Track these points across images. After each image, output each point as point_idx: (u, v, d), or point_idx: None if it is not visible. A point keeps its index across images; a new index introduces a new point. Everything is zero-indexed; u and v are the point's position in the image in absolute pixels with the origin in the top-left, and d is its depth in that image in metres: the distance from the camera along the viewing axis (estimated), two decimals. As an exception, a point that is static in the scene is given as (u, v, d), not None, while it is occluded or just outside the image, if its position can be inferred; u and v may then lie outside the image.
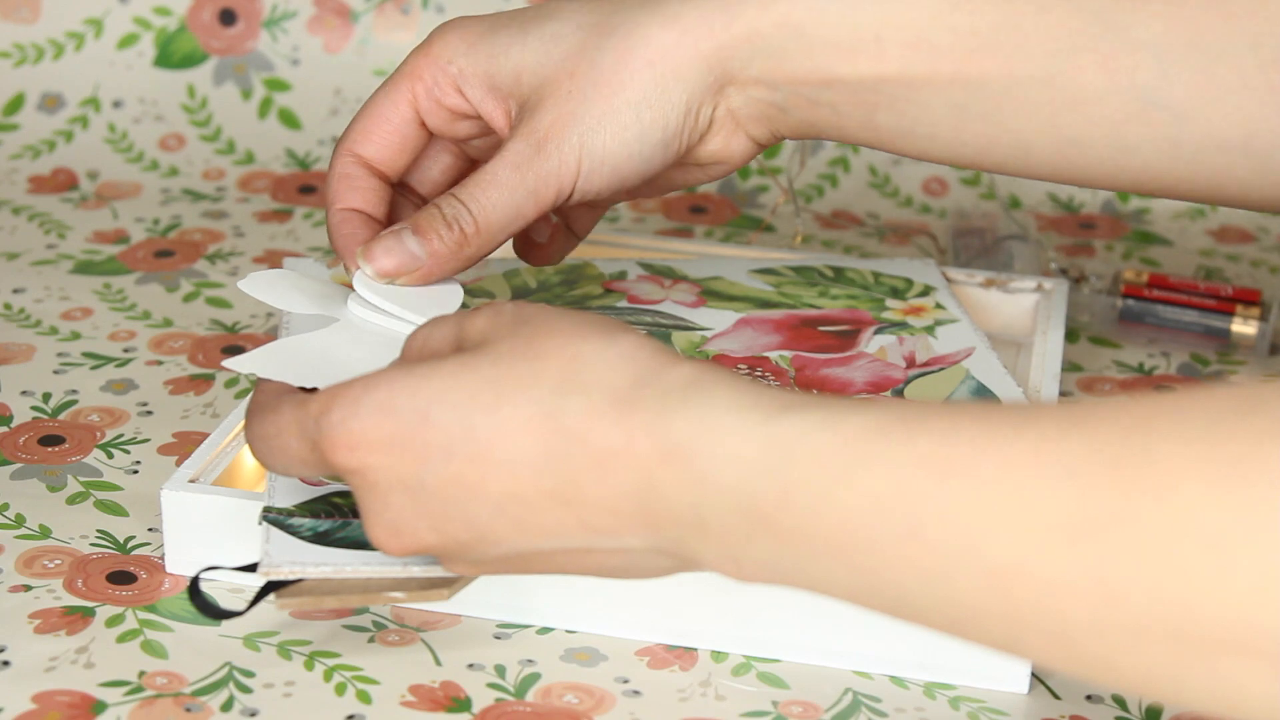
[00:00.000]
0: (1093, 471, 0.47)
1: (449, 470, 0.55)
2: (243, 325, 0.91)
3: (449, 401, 0.55)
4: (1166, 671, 0.47)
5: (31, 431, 0.81)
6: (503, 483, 0.55)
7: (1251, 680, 0.45)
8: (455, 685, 0.66)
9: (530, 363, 0.55)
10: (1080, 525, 0.47)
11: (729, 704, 0.66)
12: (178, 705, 0.64)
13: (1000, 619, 0.49)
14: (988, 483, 0.48)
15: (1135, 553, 0.46)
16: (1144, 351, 0.92)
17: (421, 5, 1.12)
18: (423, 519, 0.56)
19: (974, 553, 0.48)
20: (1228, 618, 0.45)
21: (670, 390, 0.54)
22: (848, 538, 0.50)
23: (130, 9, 1.11)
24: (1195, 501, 0.45)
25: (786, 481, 0.51)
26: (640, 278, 0.86)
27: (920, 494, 0.49)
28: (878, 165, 1.09)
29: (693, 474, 0.53)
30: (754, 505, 0.52)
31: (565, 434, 0.54)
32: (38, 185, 1.06)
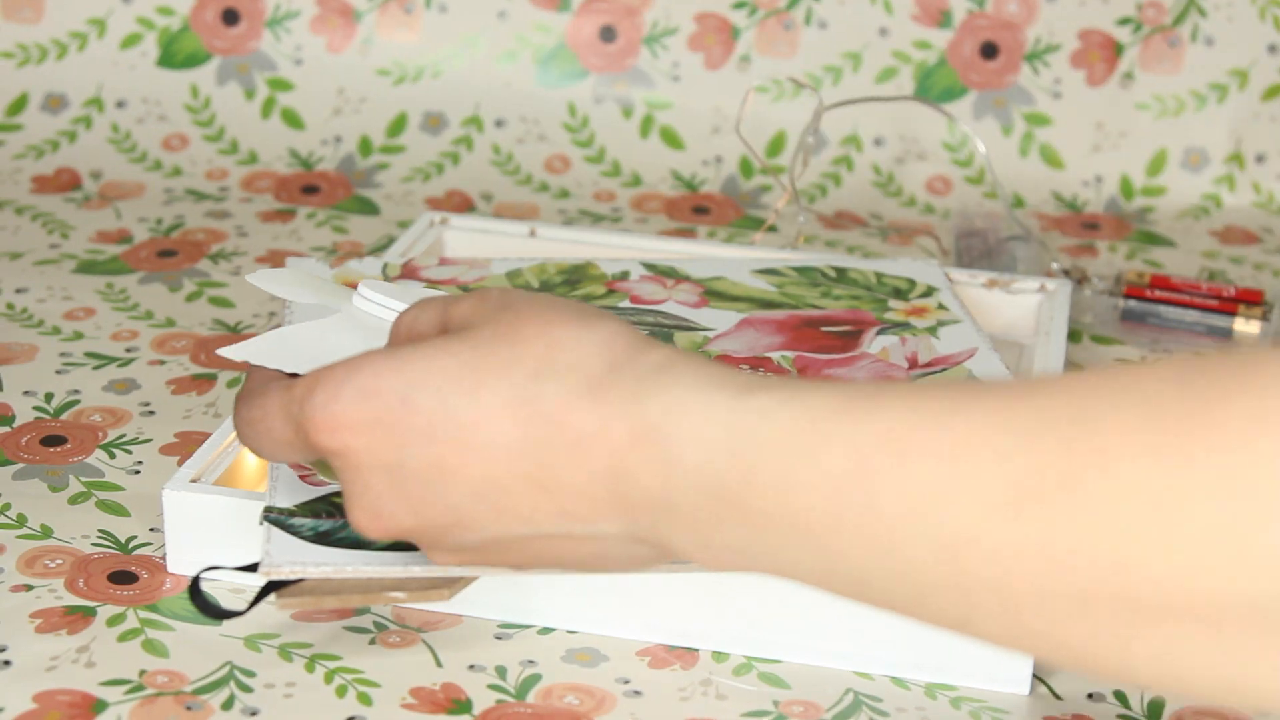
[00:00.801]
0: (1040, 441, 0.47)
1: (429, 454, 0.56)
2: (245, 325, 0.91)
3: (429, 385, 0.56)
4: (1110, 640, 0.47)
5: (34, 432, 0.81)
6: (481, 467, 0.55)
7: (1193, 646, 0.45)
8: (456, 687, 0.66)
9: (510, 347, 0.55)
10: (1027, 493, 0.47)
11: (730, 704, 0.66)
12: (178, 704, 0.64)
13: (951, 591, 0.49)
14: (942, 457, 0.48)
15: (1079, 519, 0.46)
16: (1146, 349, 0.92)
17: (424, 5, 1.12)
18: (402, 502, 0.57)
19: (927, 525, 0.48)
20: (1170, 583, 0.45)
21: (643, 374, 0.54)
22: (811, 517, 0.50)
23: (133, 9, 1.11)
24: (1138, 468, 0.45)
25: (751, 462, 0.51)
26: (643, 278, 0.86)
27: (877, 470, 0.49)
28: (881, 165, 1.09)
29: (663, 456, 0.53)
30: (721, 487, 0.52)
31: (542, 419, 0.54)
32: (41, 185, 1.06)
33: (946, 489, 0.48)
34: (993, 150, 1.08)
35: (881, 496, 0.49)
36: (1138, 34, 1.09)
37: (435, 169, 1.09)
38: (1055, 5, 1.09)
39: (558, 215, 1.06)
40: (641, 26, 1.12)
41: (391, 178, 1.08)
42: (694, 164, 1.10)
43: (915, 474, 0.49)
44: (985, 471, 0.48)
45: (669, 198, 1.08)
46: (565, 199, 1.07)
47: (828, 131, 1.10)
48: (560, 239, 0.93)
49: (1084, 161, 1.09)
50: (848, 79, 1.10)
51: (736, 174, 1.09)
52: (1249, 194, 1.08)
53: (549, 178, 1.09)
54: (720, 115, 1.10)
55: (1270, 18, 1.08)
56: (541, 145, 1.10)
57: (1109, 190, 1.08)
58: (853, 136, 1.10)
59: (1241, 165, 1.08)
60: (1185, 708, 0.66)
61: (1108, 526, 0.45)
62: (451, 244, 0.94)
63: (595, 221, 1.05)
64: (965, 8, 1.10)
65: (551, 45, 1.12)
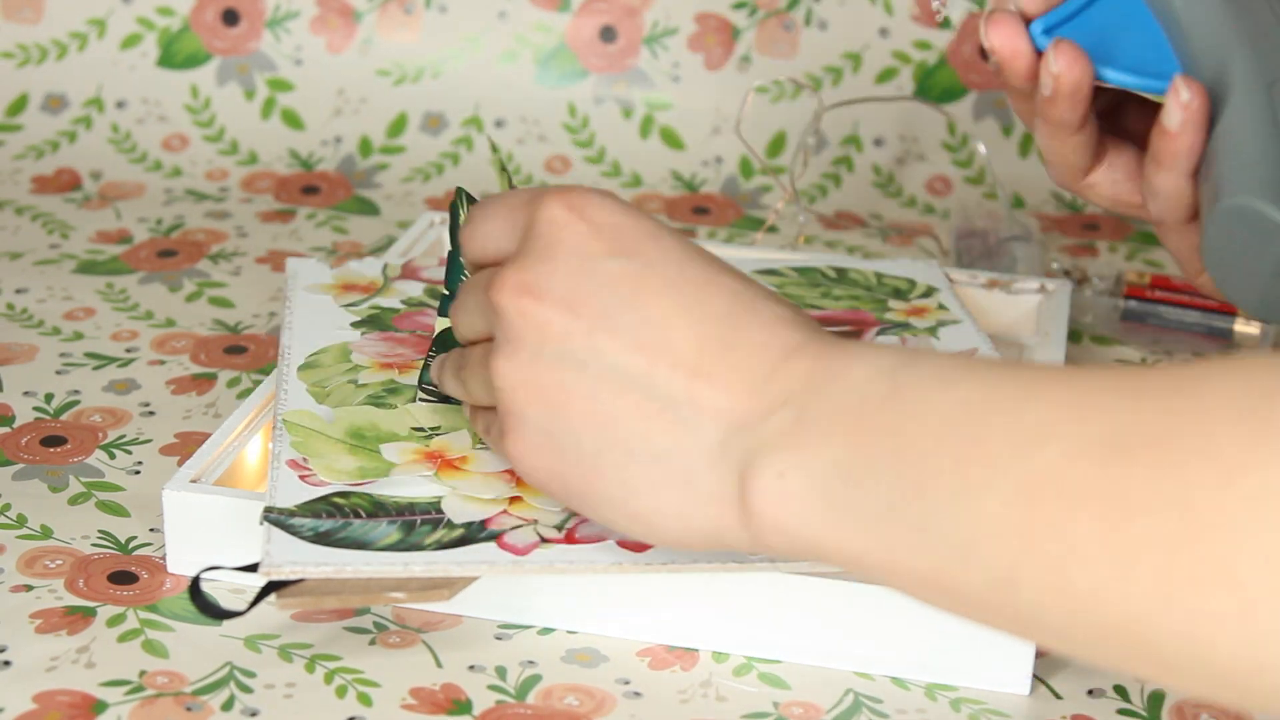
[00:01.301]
0: (1148, 395, 0.48)
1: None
2: (245, 325, 0.91)
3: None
4: (1151, 602, 0.47)
5: (34, 432, 0.81)
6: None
7: (1228, 618, 0.45)
8: (456, 687, 0.66)
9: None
10: (1121, 442, 0.47)
11: (730, 705, 0.66)
12: (178, 705, 0.64)
13: (1011, 539, 0.49)
14: (1055, 403, 0.49)
15: (1156, 473, 0.46)
16: (1146, 351, 0.92)
17: (424, 5, 1.12)
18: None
19: (1015, 465, 0.49)
20: (1220, 550, 0.45)
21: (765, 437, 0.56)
22: (923, 440, 0.51)
23: (133, 9, 1.11)
24: (1218, 434, 0.46)
25: (898, 383, 0.53)
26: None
27: (996, 407, 0.50)
28: (881, 165, 1.09)
29: (820, 369, 0.55)
30: (861, 404, 0.53)
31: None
32: (41, 185, 1.06)
33: (1046, 429, 0.49)
34: (993, 150, 1.08)
35: (987, 431, 0.50)
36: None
37: (435, 169, 1.09)
38: (1055, 5, 1.09)
39: (558, 215, 1.05)
40: (641, 26, 1.12)
41: (391, 178, 1.08)
42: (694, 164, 1.10)
43: (1025, 413, 0.50)
44: (1088, 415, 0.48)
45: (669, 198, 1.08)
46: (565, 199, 1.07)
47: (828, 132, 1.10)
48: (560, 239, 0.93)
49: (1084, 161, 1.09)
50: (848, 79, 1.10)
51: (736, 174, 1.09)
52: (1249, 194, 1.08)
53: (549, 178, 1.09)
54: (720, 115, 1.10)
55: (1270, 18, 1.08)
56: (541, 145, 1.10)
57: (1109, 190, 1.08)
58: (853, 137, 1.10)
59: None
60: (1185, 700, 0.66)
61: (1177, 483, 0.46)
62: (451, 244, 0.94)
63: (595, 222, 1.05)
64: (965, 8, 1.10)
65: (551, 45, 1.12)
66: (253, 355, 0.88)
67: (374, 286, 0.84)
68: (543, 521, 0.67)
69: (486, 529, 0.66)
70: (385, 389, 0.75)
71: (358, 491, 0.68)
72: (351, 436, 0.71)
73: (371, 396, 0.74)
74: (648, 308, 0.58)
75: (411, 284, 0.85)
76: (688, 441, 0.57)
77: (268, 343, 0.89)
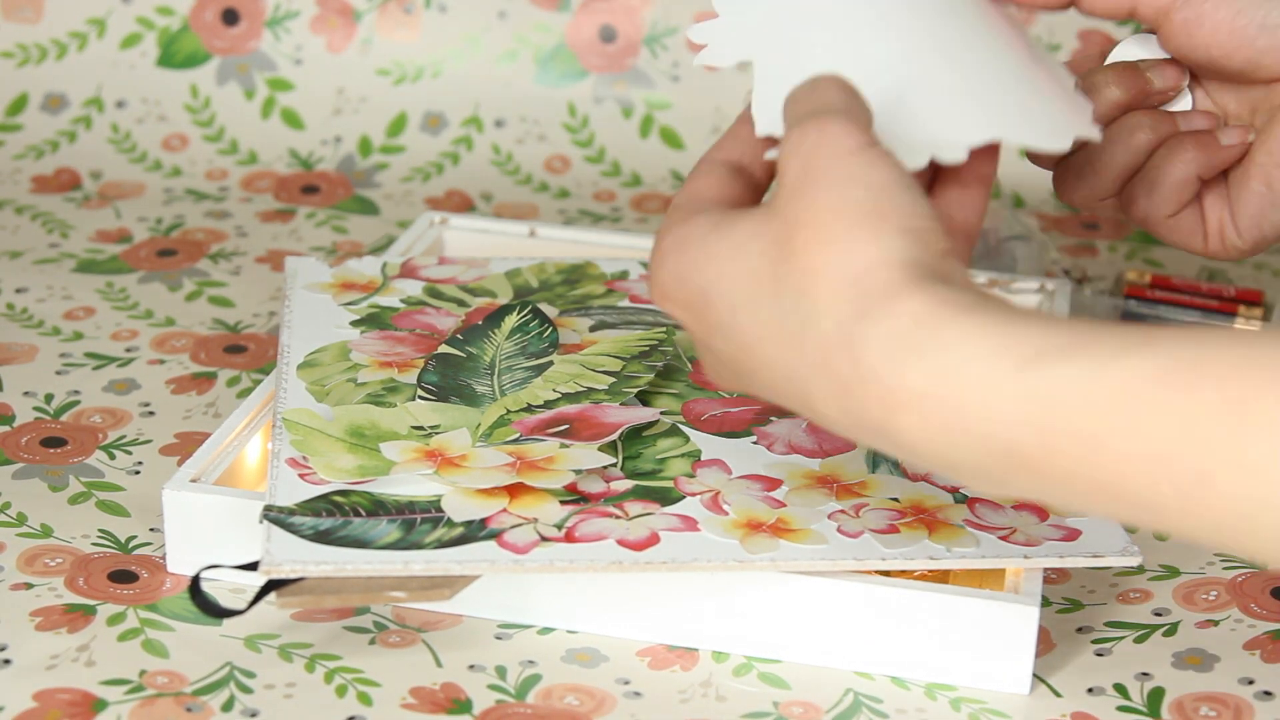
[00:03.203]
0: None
1: (728, 349, 0.58)
2: (245, 324, 0.91)
3: (723, 290, 0.57)
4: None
5: (34, 432, 0.81)
6: (764, 376, 0.57)
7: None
8: (456, 687, 0.66)
9: (786, 263, 0.56)
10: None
11: (730, 704, 0.66)
12: (178, 704, 0.64)
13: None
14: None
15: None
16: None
17: (424, 5, 1.12)
18: (721, 369, 0.60)
19: (1265, 504, 0.48)
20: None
21: (898, 334, 0.53)
22: (1125, 484, 0.50)
23: (133, 9, 1.11)
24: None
25: (1051, 430, 0.50)
26: (642, 277, 0.86)
27: (1211, 441, 0.48)
28: (881, 165, 1.09)
29: (936, 423, 0.52)
30: (1012, 450, 0.51)
31: (810, 355, 0.55)
32: (41, 185, 1.06)
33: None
34: (993, 150, 1.08)
35: (1215, 468, 0.48)
36: (1138, 34, 1.09)
37: (435, 169, 1.09)
38: (1055, 5, 1.09)
39: (558, 215, 1.06)
40: (641, 26, 1.12)
41: (391, 178, 1.08)
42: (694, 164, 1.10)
43: (1256, 444, 0.48)
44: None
45: (669, 198, 1.08)
46: (565, 199, 1.07)
47: (828, 131, 1.10)
48: (560, 239, 0.93)
49: (1084, 161, 1.09)
50: (848, 79, 1.10)
51: (736, 174, 1.09)
52: (1249, 194, 1.08)
53: (549, 178, 1.09)
54: (720, 115, 1.10)
55: None
56: (541, 145, 1.10)
57: (1109, 190, 1.08)
58: (853, 136, 1.10)
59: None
60: (1185, 695, 0.66)
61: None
62: (451, 244, 0.94)
63: (595, 221, 1.05)
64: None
65: (551, 45, 1.12)
66: (252, 355, 0.88)
67: (373, 285, 0.84)
68: (542, 520, 0.67)
69: (486, 527, 0.66)
70: (385, 387, 0.75)
71: (357, 490, 0.68)
72: (351, 435, 0.71)
73: (371, 395, 0.74)
74: (761, 386, 0.59)
75: (410, 283, 0.85)
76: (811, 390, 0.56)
77: (267, 342, 0.89)
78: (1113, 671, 0.68)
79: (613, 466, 0.71)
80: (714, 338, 0.58)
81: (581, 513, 0.68)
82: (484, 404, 0.74)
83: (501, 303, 0.83)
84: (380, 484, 0.68)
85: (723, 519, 0.68)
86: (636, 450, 0.72)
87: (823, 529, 0.67)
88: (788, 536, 0.67)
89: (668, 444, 0.73)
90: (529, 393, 0.74)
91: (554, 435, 0.71)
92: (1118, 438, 0.49)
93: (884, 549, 0.66)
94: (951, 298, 0.53)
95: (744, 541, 0.67)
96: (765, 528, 0.67)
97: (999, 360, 0.51)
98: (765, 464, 0.72)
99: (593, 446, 0.70)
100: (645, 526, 0.67)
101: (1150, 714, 0.66)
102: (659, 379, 0.77)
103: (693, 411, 0.75)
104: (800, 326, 0.55)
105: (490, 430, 0.72)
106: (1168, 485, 0.49)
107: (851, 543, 0.67)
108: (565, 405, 0.73)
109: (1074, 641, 0.70)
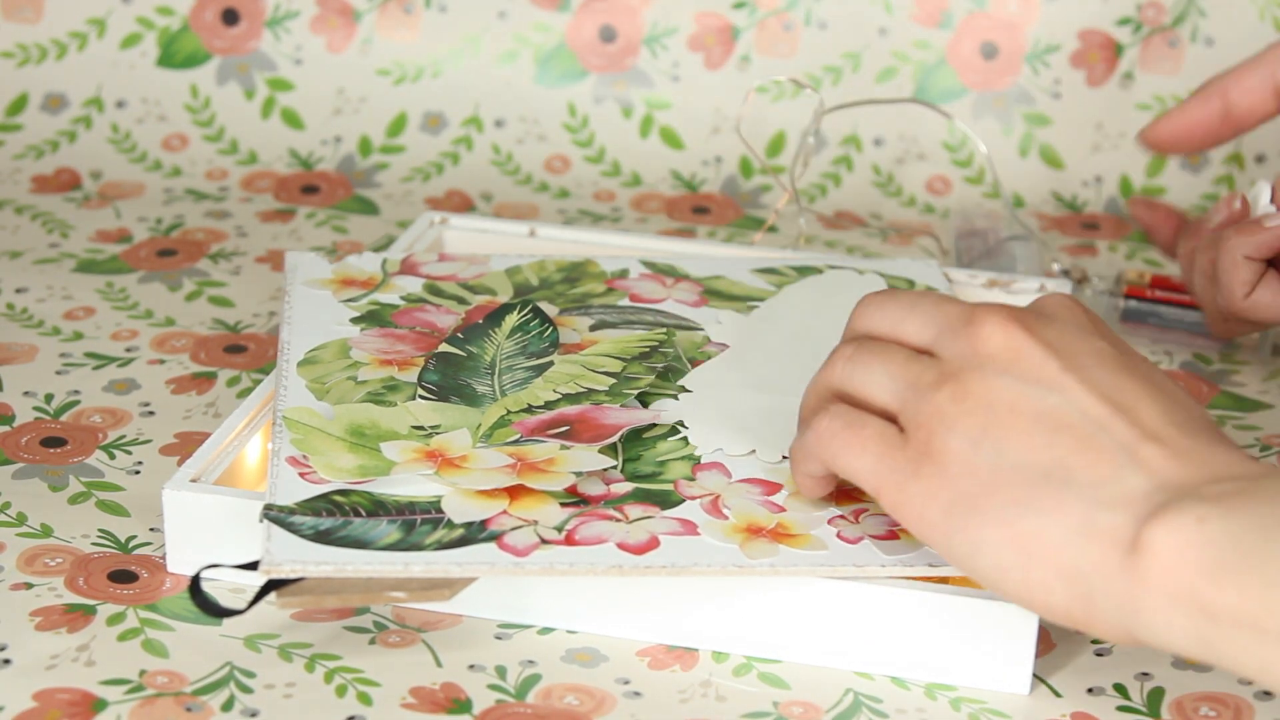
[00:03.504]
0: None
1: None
2: (245, 324, 0.91)
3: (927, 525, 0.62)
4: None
5: (34, 432, 0.81)
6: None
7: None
8: (456, 686, 0.66)
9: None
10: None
11: (730, 705, 0.66)
12: (178, 704, 0.64)
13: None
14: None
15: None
16: (1146, 350, 0.92)
17: (424, 4, 1.12)
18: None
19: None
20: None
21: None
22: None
23: (133, 9, 1.11)
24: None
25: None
26: (642, 276, 0.86)
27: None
28: (881, 165, 1.09)
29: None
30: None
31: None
32: (40, 185, 1.06)
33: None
34: (993, 150, 1.08)
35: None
36: (1138, 34, 1.09)
37: (435, 169, 1.09)
38: (1055, 5, 1.09)
39: (558, 215, 1.06)
40: (641, 26, 1.11)
41: (391, 178, 1.08)
42: (694, 164, 1.10)
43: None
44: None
45: (669, 198, 1.08)
46: (565, 199, 1.07)
47: (828, 131, 1.10)
48: (560, 239, 0.93)
49: (1084, 161, 1.09)
50: (848, 79, 1.10)
51: (736, 174, 1.09)
52: (1249, 194, 1.08)
53: (549, 178, 1.09)
54: (720, 115, 1.10)
55: (1270, 18, 1.08)
56: (541, 145, 1.10)
57: (1109, 190, 1.08)
58: (853, 136, 1.10)
59: (1241, 165, 1.08)
60: (1185, 695, 0.66)
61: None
62: (451, 244, 0.94)
63: (595, 221, 1.05)
64: (965, 8, 1.10)
65: (551, 45, 1.12)
66: (252, 354, 0.88)
67: (373, 282, 0.84)
68: (543, 523, 0.67)
69: (487, 529, 0.66)
70: (385, 386, 0.75)
71: (358, 490, 0.68)
72: (351, 434, 0.71)
73: (371, 393, 0.74)
74: (1125, 381, 0.60)
75: (410, 279, 0.85)
76: (1112, 482, 0.58)
77: (268, 342, 0.89)
78: (1113, 671, 0.68)
79: (613, 469, 0.71)
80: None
81: (582, 515, 0.68)
82: (484, 404, 0.74)
83: (501, 301, 0.83)
84: (380, 484, 0.68)
85: (722, 523, 0.68)
86: (636, 452, 0.72)
87: (822, 534, 0.67)
88: (787, 542, 0.67)
89: (668, 446, 0.73)
90: (529, 393, 0.74)
91: (554, 437, 0.71)
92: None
93: (883, 555, 0.66)
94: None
95: (743, 546, 0.67)
96: (765, 532, 0.67)
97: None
98: (765, 468, 0.72)
99: (593, 448, 0.70)
100: (645, 530, 0.67)
101: (1150, 714, 0.66)
102: (659, 379, 0.77)
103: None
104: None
105: (491, 431, 0.72)
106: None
107: (851, 548, 0.67)
108: (565, 406, 0.73)
109: (1074, 641, 0.70)
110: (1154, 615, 0.57)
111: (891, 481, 0.62)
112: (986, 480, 0.60)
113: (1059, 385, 0.60)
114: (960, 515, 0.60)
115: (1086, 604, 0.58)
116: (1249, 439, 0.84)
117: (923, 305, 0.65)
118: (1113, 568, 0.57)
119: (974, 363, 0.61)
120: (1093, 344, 0.62)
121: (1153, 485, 0.58)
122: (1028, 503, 0.59)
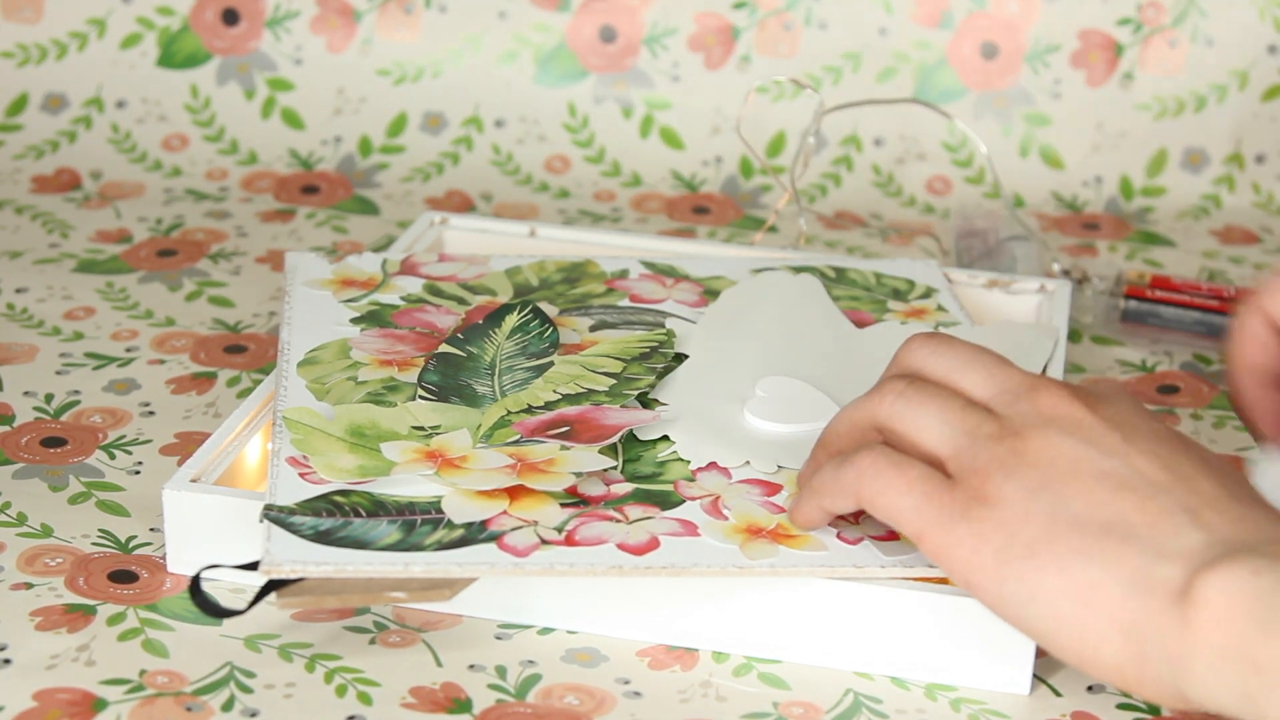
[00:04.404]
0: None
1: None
2: (245, 325, 0.91)
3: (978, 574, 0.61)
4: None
5: (34, 432, 0.81)
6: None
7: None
8: (456, 686, 0.66)
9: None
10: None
11: (730, 705, 0.66)
12: (178, 704, 0.64)
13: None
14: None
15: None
16: (1146, 350, 0.92)
17: (424, 4, 1.12)
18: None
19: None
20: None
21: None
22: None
23: (133, 9, 1.11)
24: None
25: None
26: (642, 276, 0.86)
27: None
28: (881, 165, 1.09)
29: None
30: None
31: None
32: (41, 185, 1.06)
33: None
34: (993, 150, 1.08)
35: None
36: (1138, 34, 1.09)
37: (435, 169, 1.09)
38: (1055, 5, 1.09)
39: (558, 215, 1.06)
40: (641, 26, 1.12)
41: (391, 178, 1.09)
42: (694, 164, 1.10)
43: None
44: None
45: (669, 198, 1.08)
46: (565, 199, 1.07)
47: (828, 132, 1.10)
48: (560, 239, 0.93)
49: (1084, 161, 1.09)
50: (848, 79, 1.10)
51: (736, 174, 1.09)
52: (1249, 194, 1.08)
53: (549, 178, 1.09)
54: (720, 115, 1.10)
55: (1270, 18, 1.08)
56: (541, 145, 1.10)
57: (1109, 190, 1.08)
58: (853, 136, 1.10)
59: (1241, 166, 1.08)
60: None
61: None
62: (451, 244, 0.94)
63: (595, 221, 1.05)
64: (965, 8, 1.10)
65: (551, 45, 1.12)
66: (253, 354, 0.88)
67: (373, 282, 0.84)
68: (543, 523, 0.67)
69: (487, 530, 0.66)
70: (385, 386, 0.75)
71: (358, 490, 0.68)
72: (351, 434, 0.71)
73: (371, 394, 0.74)
74: (1183, 457, 0.60)
75: (410, 280, 0.85)
76: (1173, 537, 0.58)
77: (268, 342, 0.89)
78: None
79: (613, 469, 0.71)
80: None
81: (582, 516, 0.68)
82: (484, 404, 0.74)
83: (501, 301, 0.83)
84: (380, 484, 0.68)
85: (722, 524, 0.68)
86: (636, 453, 0.72)
87: (822, 535, 0.67)
88: (787, 542, 0.67)
89: (667, 447, 0.73)
90: (529, 393, 0.74)
91: (554, 437, 0.71)
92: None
93: (883, 556, 0.66)
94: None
95: (743, 547, 0.67)
96: (765, 533, 0.67)
97: None
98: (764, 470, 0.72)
99: (593, 449, 0.70)
100: (645, 530, 0.67)
101: (1150, 713, 0.66)
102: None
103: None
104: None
105: (491, 431, 0.72)
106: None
107: (851, 549, 0.67)
108: (565, 407, 0.73)
109: (1074, 642, 0.70)
110: (1203, 668, 0.56)
111: (937, 523, 0.61)
112: (1045, 528, 0.59)
113: (1121, 452, 0.60)
114: (1016, 560, 0.59)
115: (1139, 659, 0.58)
116: (1249, 439, 0.84)
117: (984, 360, 0.64)
118: (1165, 618, 0.57)
119: (1037, 422, 0.61)
120: (1150, 424, 0.62)
121: (1212, 540, 0.58)
122: (1088, 552, 0.58)
